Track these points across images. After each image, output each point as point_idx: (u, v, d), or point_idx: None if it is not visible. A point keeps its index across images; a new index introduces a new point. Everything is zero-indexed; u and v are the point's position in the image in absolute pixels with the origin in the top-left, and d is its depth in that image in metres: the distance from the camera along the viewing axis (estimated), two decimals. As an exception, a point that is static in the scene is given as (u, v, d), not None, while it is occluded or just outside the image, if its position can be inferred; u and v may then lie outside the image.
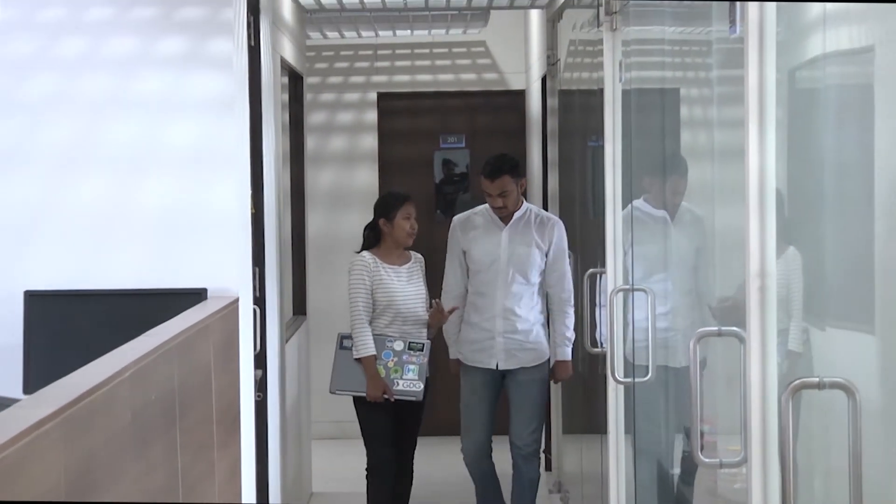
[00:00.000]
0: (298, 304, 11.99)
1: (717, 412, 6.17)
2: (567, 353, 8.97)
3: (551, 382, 9.61)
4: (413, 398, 8.79)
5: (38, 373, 7.17)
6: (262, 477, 8.70)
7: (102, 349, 5.26)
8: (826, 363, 4.79)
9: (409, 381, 8.73)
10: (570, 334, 9.03)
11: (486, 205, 9.23)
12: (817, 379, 4.43)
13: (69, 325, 7.36)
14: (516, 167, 9.20)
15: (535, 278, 9.05)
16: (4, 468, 3.40)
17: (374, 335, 8.88)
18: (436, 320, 9.07)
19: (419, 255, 9.37)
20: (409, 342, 8.79)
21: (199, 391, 6.34)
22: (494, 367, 8.97)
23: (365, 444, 9.01)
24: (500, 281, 8.95)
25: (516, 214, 9.08)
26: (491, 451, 9.18)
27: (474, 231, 9.15)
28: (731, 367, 5.44)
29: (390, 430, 8.89)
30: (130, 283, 7.54)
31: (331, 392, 8.95)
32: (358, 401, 8.89)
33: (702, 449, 5.91)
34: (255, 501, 8.31)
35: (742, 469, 5.03)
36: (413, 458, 9.15)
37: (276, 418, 9.23)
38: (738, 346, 5.05)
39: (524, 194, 9.33)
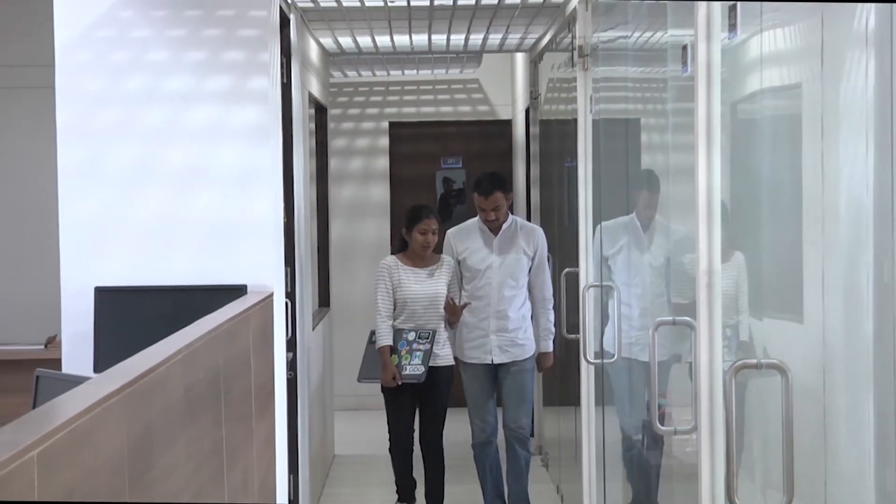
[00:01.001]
0: (323, 298, 11.97)
1: (673, 389, 6.18)
2: (549, 346, 8.85)
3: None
4: (415, 381, 8.61)
5: (105, 355, 7.16)
6: (292, 442, 8.70)
7: (159, 335, 5.26)
8: (770, 348, 4.80)
9: (414, 366, 8.57)
10: (552, 328, 8.93)
11: (477, 218, 9.06)
12: (756, 360, 4.47)
13: (132, 316, 7.35)
14: (505, 184, 9.06)
15: (523, 281, 8.88)
16: (78, 434, 3.42)
17: (394, 328, 8.70)
18: (451, 315, 8.87)
19: (448, 258, 9.07)
20: (419, 332, 8.64)
21: (240, 370, 6.34)
22: (490, 363, 8.81)
23: (391, 420, 8.89)
24: (492, 285, 8.78)
25: (504, 225, 8.91)
26: (496, 435, 9.00)
27: (468, 242, 8.96)
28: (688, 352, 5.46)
29: (408, 413, 8.74)
30: (184, 280, 7.53)
31: (358, 381, 8.81)
32: (384, 388, 8.75)
33: (660, 419, 5.95)
34: (287, 462, 8.32)
35: (693, 435, 5.06)
36: (441, 439, 8.95)
37: (304, 393, 9.21)
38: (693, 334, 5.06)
39: (510, 207, 9.15)
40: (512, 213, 9.09)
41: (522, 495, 8.77)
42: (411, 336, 8.60)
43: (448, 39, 11.64)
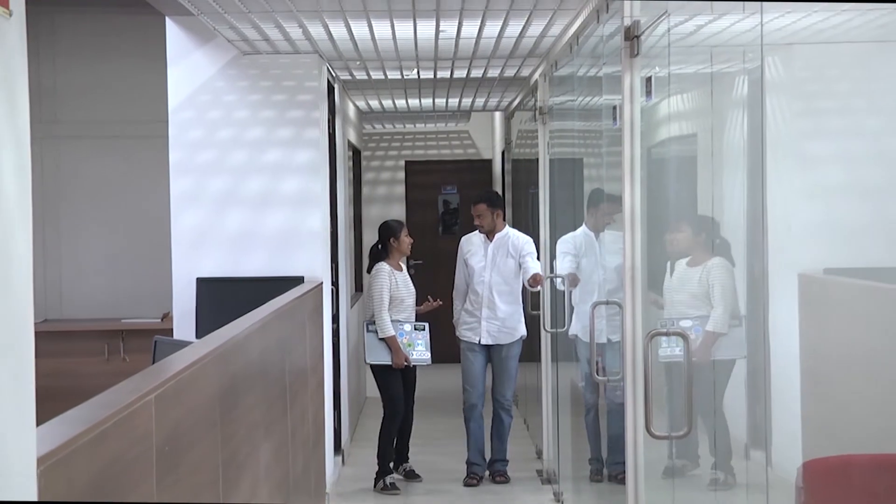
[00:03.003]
0: (357, 285, 12.00)
1: (609, 352, 6.17)
2: (538, 268, 8.20)
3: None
4: (425, 363, 8.16)
5: (204, 326, 7.16)
6: (336, 387, 8.69)
7: (241, 312, 5.26)
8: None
9: (420, 352, 8.10)
10: (537, 266, 8.44)
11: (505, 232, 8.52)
12: (665, 329, 4.47)
13: (222, 298, 7.35)
14: (491, 199, 8.56)
15: (512, 279, 8.38)
16: (184, 383, 3.42)
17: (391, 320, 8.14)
18: (430, 310, 8.43)
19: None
20: (414, 324, 8.17)
21: (298, 337, 6.35)
22: (478, 341, 8.35)
23: (383, 399, 8.25)
24: (485, 282, 8.36)
25: (498, 235, 8.40)
26: (483, 402, 8.50)
27: (470, 247, 8.52)
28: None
29: (401, 389, 8.19)
30: (259, 273, 7.55)
31: (366, 363, 8.18)
32: (377, 369, 8.15)
33: (598, 372, 5.95)
34: (332, 402, 8.32)
35: (621, 383, 5.06)
36: (413, 407, 8.39)
37: (344, 353, 9.20)
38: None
39: (505, 221, 8.62)
40: (509, 227, 8.59)
41: (503, 451, 8.40)
42: (407, 327, 8.14)
43: (447, 102, 11.65)
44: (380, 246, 8.17)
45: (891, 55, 3.72)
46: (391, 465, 8.18)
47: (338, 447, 8.71)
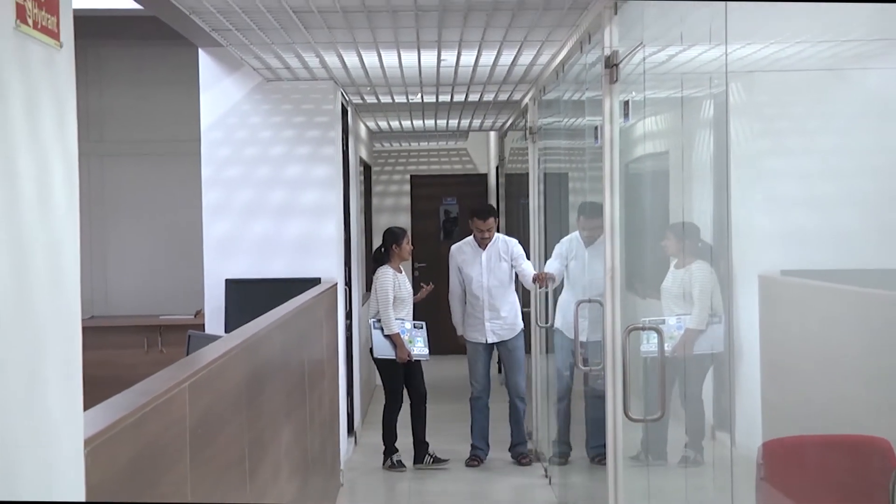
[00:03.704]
0: (368, 286, 11.97)
1: (592, 347, 6.17)
2: (530, 268, 8.10)
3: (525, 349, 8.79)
4: (425, 358, 7.98)
5: (232, 322, 7.16)
6: (349, 377, 8.70)
7: (265, 309, 5.27)
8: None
9: (420, 348, 7.93)
10: (529, 266, 8.11)
11: (471, 237, 8.37)
12: (641, 324, 4.46)
13: (248, 297, 7.34)
14: (495, 212, 8.52)
15: (507, 280, 8.21)
16: (214, 372, 3.43)
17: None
18: (426, 295, 8.29)
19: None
20: (413, 323, 8.03)
21: (316, 332, 6.35)
22: (485, 341, 8.18)
23: (385, 390, 8.10)
24: (483, 287, 8.19)
25: (490, 242, 8.23)
26: (489, 393, 8.38)
27: (464, 256, 8.32)
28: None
29: (402, 382, 8.00)
30: (281, 274, 7.55)
31: (373, 357, 8.00)
32: (382, 362, 7.96)
33: (582, 363, 5.95)
34: (346, 389, 8.32)
35: (602, 372, 5.06)
36: (426, 399, 8.16)
37: (356, 346, 9.21)
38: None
39: (498, 228, 8.46)
40: (497, 232, 8.45)
41: (521, 435, 8.24)
42: (408, 325, 7.99)
43: (447, 123, 11.65)
44: (383, 250, 8.07)
45: (839, 82, 3.72)
46: (397, 445, 8.09)
47: (350, 429, 8.71)
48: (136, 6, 5.31)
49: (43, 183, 1.94)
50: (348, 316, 8.54)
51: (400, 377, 8.04)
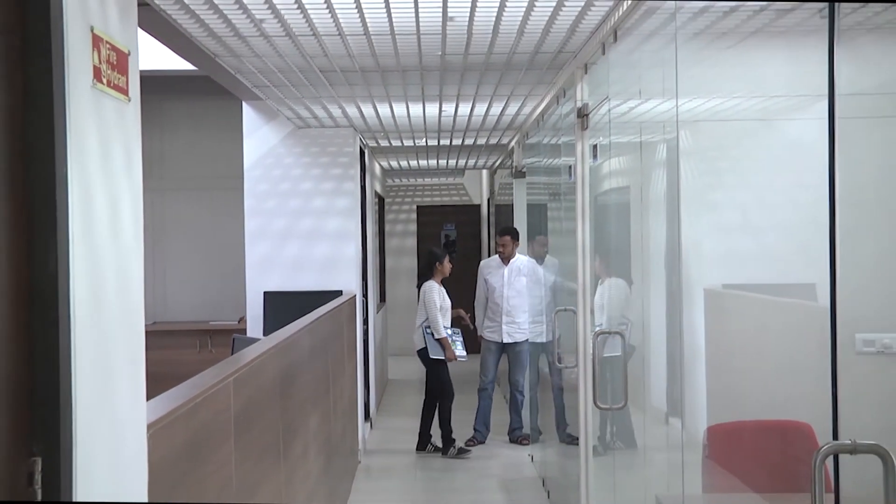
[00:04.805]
0: (381, 297, 11.99)
1: (567, 346, 6.15)
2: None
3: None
4: (464, 359, 7.79)
5: (269, 327, 7.15)
6: (366, 372, 8.68)
7: (296, 316, 5.28)
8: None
9: (459, 350, 7.75)
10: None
11: (497, 255, 8.27)
12: (608, 329, 4.47)
13: (283, 306, 7.35)
14: (512, 233, 8.27)
15: (524, 293, 8.10)
16: (254, 368, 3.42)
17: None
18: (456, 316, 8.17)
19: None
20: (452, 329, 7.85)
21: (338, 334, 6.34)
22: (500, 341, 8.13)
23: (437, 387, 7.86)
24: (503, 296, 8.09)
25: (512, 260, 8.11)
26: (494, 386, 8.32)
27: (490, 269, 8.25)
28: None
29: (449, 376, 7.83)
30: (310, 288, 7.55)
31: (431, 357, 7.76)
32: (434, 361, 7.77)
33: (558, 360, 5.94)
34: (363, 383, 8.30)
35: (575, 369, 5.06)
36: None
37: (372, 346, 9.19)
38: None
39: (516, 248, 8.27)
40: (520, 254, 8.26)
41: (519, 421, 8.21)
42: (450, 331, 7.80)
43: (447, 162, 11.66)
44: (428, 266, 7.97)
45: (767, 130, 3.74)
46: (431, 437, 7.92)
47: (367, 416, 8.69)
48: (192, 67, 5.34)
49: (114, 213, 1.95)
50: (365, 321, 8.53)
51: (447, 372, 7.90)
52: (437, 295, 7.84)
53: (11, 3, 1.63)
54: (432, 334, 7.80)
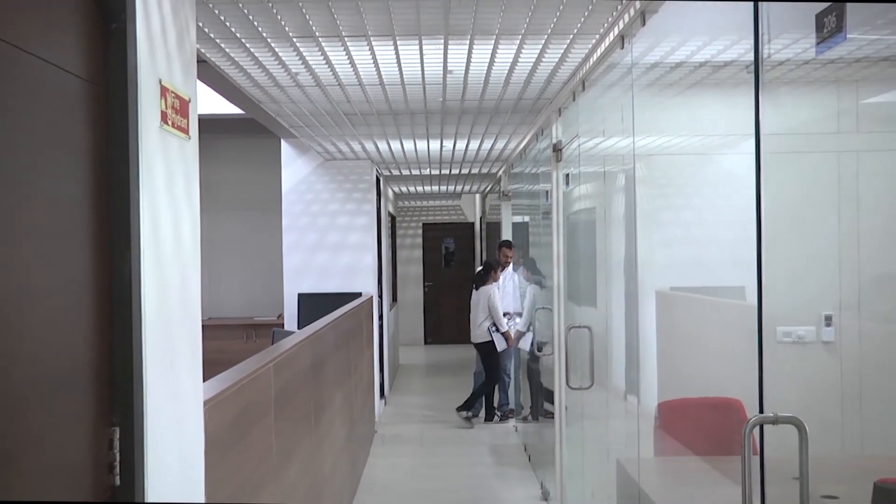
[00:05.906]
0: (394, 297, 11.97)
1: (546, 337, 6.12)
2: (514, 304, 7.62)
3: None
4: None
5: (302, 322, 7.15)
6: (381, 358, 8.67)
7: (324, 314, 5.27)
8: (584, 320, 4.78)
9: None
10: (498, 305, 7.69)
11: (510, 266, 7.77)
12: (577, 325, 4.46)
13: (314, 305, 7.35)
14: (511, 246, 7.91)
15: (518, 298, 7.61)
16: (291, 355, 3.42)
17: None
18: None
19: None
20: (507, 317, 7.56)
21: (357, 329, 6.33)
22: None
23: (492, 373, 7.57)
24: (500, 299, 7.64)
25: (506, 269, 7.70)
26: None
27: (502, 278, 7.78)
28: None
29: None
30: (336, 290, 7.54)
31: (498, 350, 7.40)
32: (492, 353, 7.50)
33: (538, 349, 5.93)
34: (378, 368, 8.28)
35: (552, 355, 5.05)
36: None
37: (386, 337, 9.18)
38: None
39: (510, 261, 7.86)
40: (513, 264, 7.85)
41: (506, 398, 7.94)
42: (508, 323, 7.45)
43: (447, 188, 11.66)
44: (486, 273, 7.71)
45: (707, 162, 3.75)
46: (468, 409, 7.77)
47: (382, 394, 8.68)
48: (240, 111, 5.37)
49: (176, 229, 1.97)
50: (380, 318, 8.53)
51: (498, 361, 7.71)
52: (498, 296, 7.59)
53: (97, 59, 1.65)
54: (497, 329, 7.51)
